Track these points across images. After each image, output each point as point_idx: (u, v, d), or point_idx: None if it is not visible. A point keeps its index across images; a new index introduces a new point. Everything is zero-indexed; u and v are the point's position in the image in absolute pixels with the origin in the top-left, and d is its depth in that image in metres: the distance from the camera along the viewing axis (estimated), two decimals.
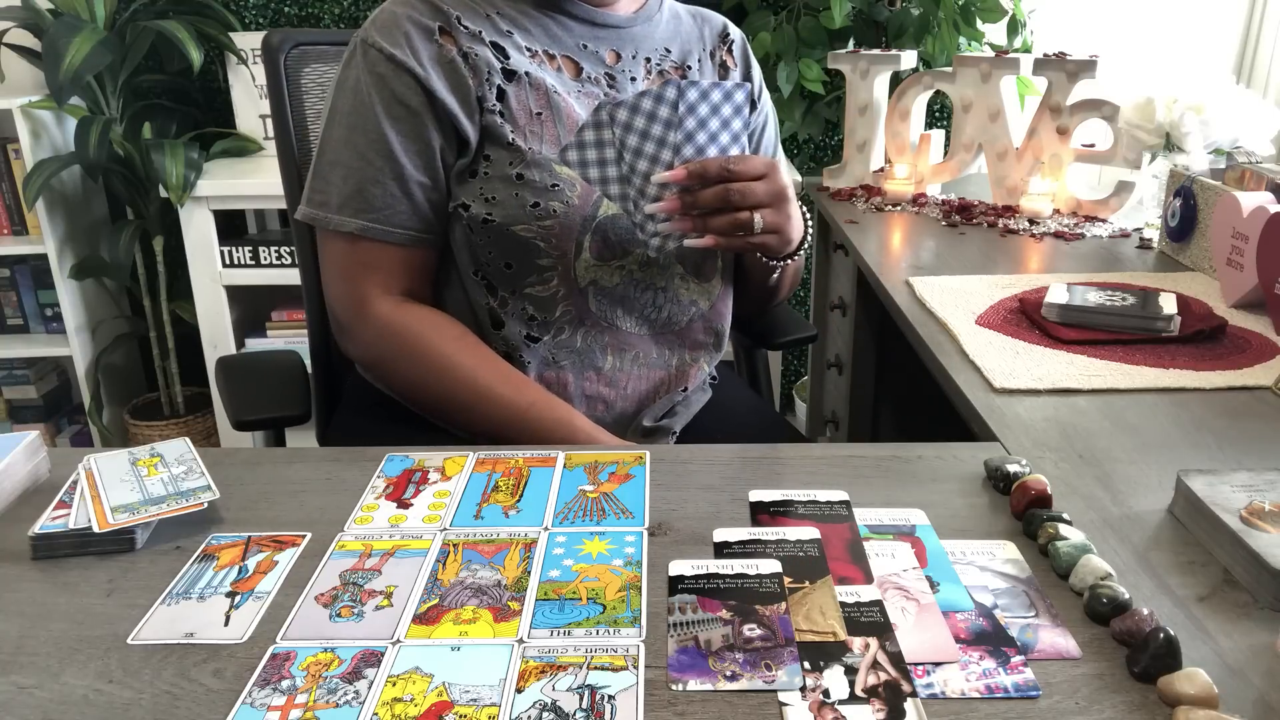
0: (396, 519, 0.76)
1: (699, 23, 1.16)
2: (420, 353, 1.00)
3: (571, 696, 0.56)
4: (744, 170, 0.92)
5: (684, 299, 1.09)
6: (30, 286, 2.41)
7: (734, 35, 1.18)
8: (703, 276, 1.11)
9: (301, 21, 2.38)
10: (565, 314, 1.02)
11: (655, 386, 1.11)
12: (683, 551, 0.71)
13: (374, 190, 0.98)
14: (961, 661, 0.59)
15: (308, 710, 0.56)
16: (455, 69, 0.97)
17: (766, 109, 1.22)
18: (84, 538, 0.72)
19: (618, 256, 1.02)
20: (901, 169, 1.86)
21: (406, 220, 1.00)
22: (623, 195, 0.98)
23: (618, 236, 1.01)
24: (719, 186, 0.92)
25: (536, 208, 0.97)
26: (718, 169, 0.92)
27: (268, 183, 2.16)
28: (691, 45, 1.13)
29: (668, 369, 1.11)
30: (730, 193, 0.92)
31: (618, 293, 1.04)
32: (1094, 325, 1.12)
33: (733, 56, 1.17)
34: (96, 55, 2.04)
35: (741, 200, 0.92)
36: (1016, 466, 0.79)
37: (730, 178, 0.92)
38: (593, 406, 1.06)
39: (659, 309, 1.08)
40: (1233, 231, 1.24)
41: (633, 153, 0.95)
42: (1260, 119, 1.55)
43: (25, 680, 0.59)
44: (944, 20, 2.05)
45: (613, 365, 1.06)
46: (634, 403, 1.09)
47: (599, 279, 1.02)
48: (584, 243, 1.00)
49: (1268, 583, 0.64)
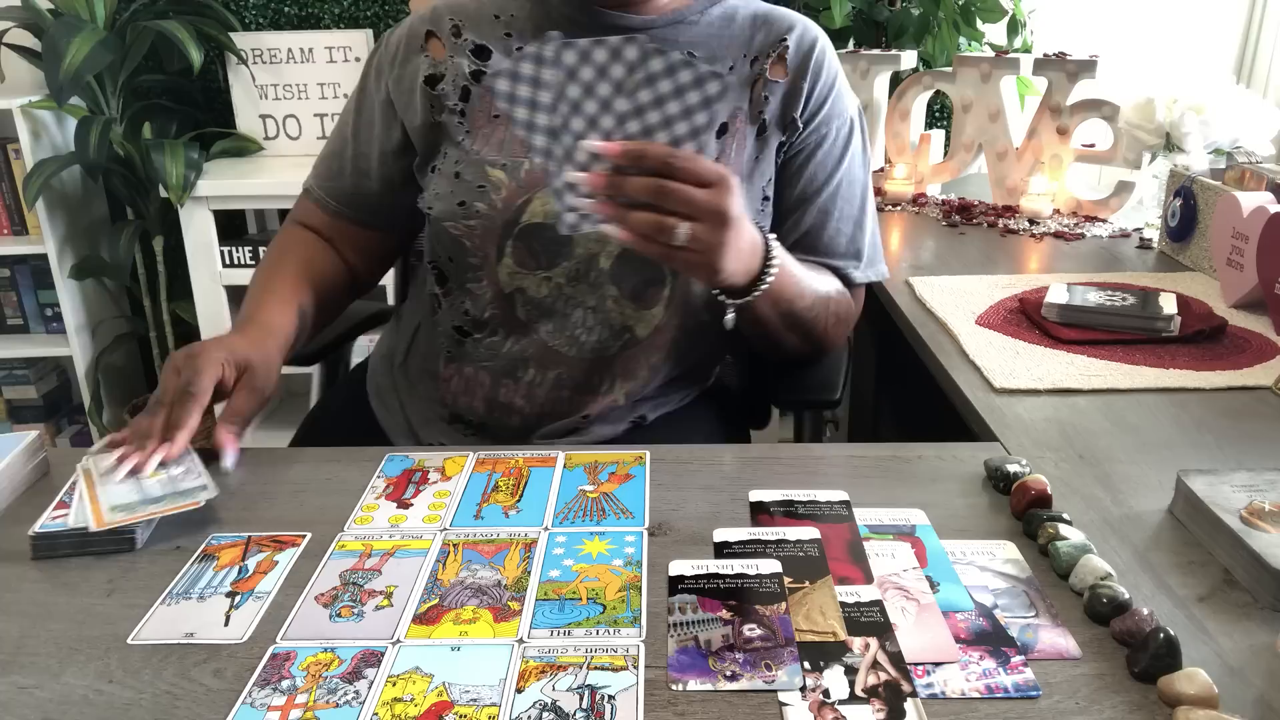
0: (396, 519, 0.76)
1: (757, 25, 1.03)
2: (269, 251, 1.10)
3: (571, 696, 0.56)
4: (688, 169, 0.78)
5: (615, 323, 1.00)
6: (30, 286, 2.40)
7: (792, 40, 1.02)
8: (642, 302, 0.99)
9: (301, 22, 2.38)
10: (494, 317, 1.01)
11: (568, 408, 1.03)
12: (683, 551, 0.71)
13: (333, 164, 1.09)
14: (961, 661, 0.59)
15: (308, 710, 0.56)
16: (417, 74, 1.02)
17: (831, 135, 1.04)
18: (84, 537, 0.72)
19: (543, 267, 0.98)
20: (901, 169, 1.86)
21: (340, 195, 1.09)
22: (547, 151, 0.82)
23: (542, 246, 0.97)
24: (652, 179, 0.78)
25: (464, 206, 0.99)
26: (657, 158, 0.78)
27: (268, 183, 2.16)
28: (728, 49, 1.02)
29: (595, 395, 1.02)
30: (663, 189, 0.78)
31: (546, 305, 0.99)
32: (1094, 325, 1.12)
33: (784, 64, 1.01)
34: (96, 55, 2.04)
35: (672, 203, 0.78)
36: (1016, 466, 0.79)
37: (669, 173, 0.78)
38: (502, 412, 1.03)
39: (589, 330, 1.00)
40: (1233, 231, 1.24)
41: (570, 105, 0.81)
42: (1260, 119, 1.55)
43: (25, 680, 0.59)
44: (944, 20, 2.04)
45: (534, 378, 1.01)
46: (537, 418, 1.03)
47: (525, 287, 0.99)
48: (505, 248, 0.98)
49: (1268, 583, 0.64)
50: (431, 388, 1.06)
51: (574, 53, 0.80)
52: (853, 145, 1.06)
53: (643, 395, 1.04)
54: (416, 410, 1.08)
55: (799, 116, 1.01)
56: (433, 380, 1.06)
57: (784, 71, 1.02)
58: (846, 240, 1.05)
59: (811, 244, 1.04)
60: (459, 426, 1.05)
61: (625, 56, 0.80)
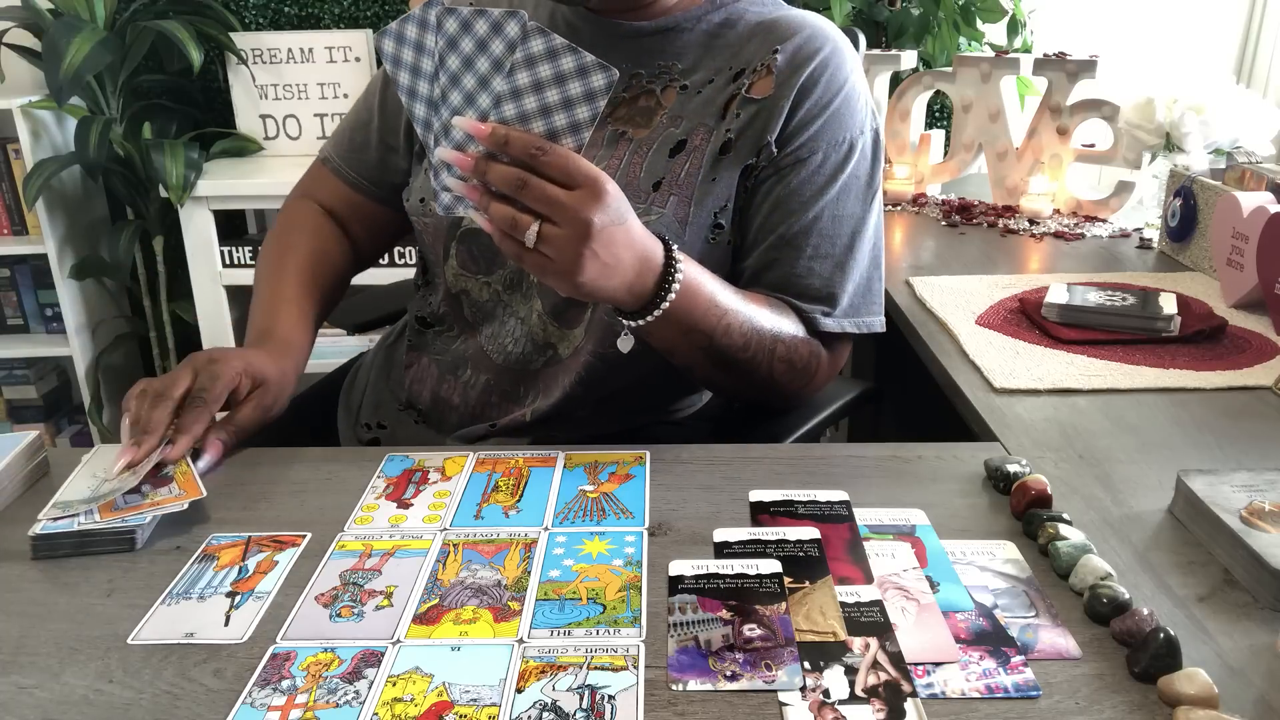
0: (396, 519, 0.76)
1: (753, 34, 0.95)
2: (276, 229, 1.10)
3: (571, 696, 0.56)
4: (555, 165, 0.72)
5: (539, 339, 0.96)
6: (30, 286, 2.40)
7: (786, 51, 0.93)
8: (565, 322, 0.94)
9: (301, 22, 2.38)
10: (447, 314, 1.03)
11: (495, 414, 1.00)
12: (683, 551, 0.71)
13: (358, 135, 1.08)
14: (961, 661, 0.59)
15: (308, 710, 0.56)
16: None
17: (815, 160, 0.93)
18: (84, 538, 0.72)
19: (482, 271, 0.98)
20: (901, 169, 1.86)
21: (363, 168, 1.08)
22: (426, 122, 0.77)
23: (480, 250, 0.97)
24: (513, 169, 0.72)
25: (423, 203, 1.00)
26: (522, 148, 0.71)
27: (268, 183, 2.16)
28: (711, 59, 0.95)
29: (520, 406, 0.98)
30: (523, 183, 0.72)
31: (487, 309, 0.99)
32: (1094, 325, 1.12)
33: (773, 75, 0.92)
34: (96, 55, 2.04)
35: (530, 198, 0.72)
36: (1016, 466, 0.79)
37: (532, 166, 0.72)
38: (442, 407, 1.03)
39: (516, 341, 0.97)
40: (1233, 231, 1.24)
41: (450, 77, 0.75)
42: (1260, 119, 1.55)
43: (25, 680, 0.59)
44: (944, 20, 2.04)
45: (469, 379, 1.00)
46: (471, 419, 1.01)
47: (469, 289, 1.00)
48: (451, 248, 0.99)
49: (1268, 583, 0.64)
50: (400, 373, 1.08)
51: (455, 20, 0.75)
52: (846, 174, 0.94)
53: (550, 415, 0.96)
54: (379, 391, 1.10)
55: (772, 139, 0.92)
56: (401, 366, 1.08)
57: (768, 87, 0.92)
58: (821, 282, 0.94)
59: (778, 280, 0.94)
60: (410, 413, 1.06)
61: (506, 32, 0.73)
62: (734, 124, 0.92)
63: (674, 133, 0.93)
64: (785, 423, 1.02)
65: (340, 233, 1.10)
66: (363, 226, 1.11)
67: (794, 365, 0.92)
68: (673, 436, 0.97)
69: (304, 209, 1.10)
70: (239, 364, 0.87)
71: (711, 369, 0.90)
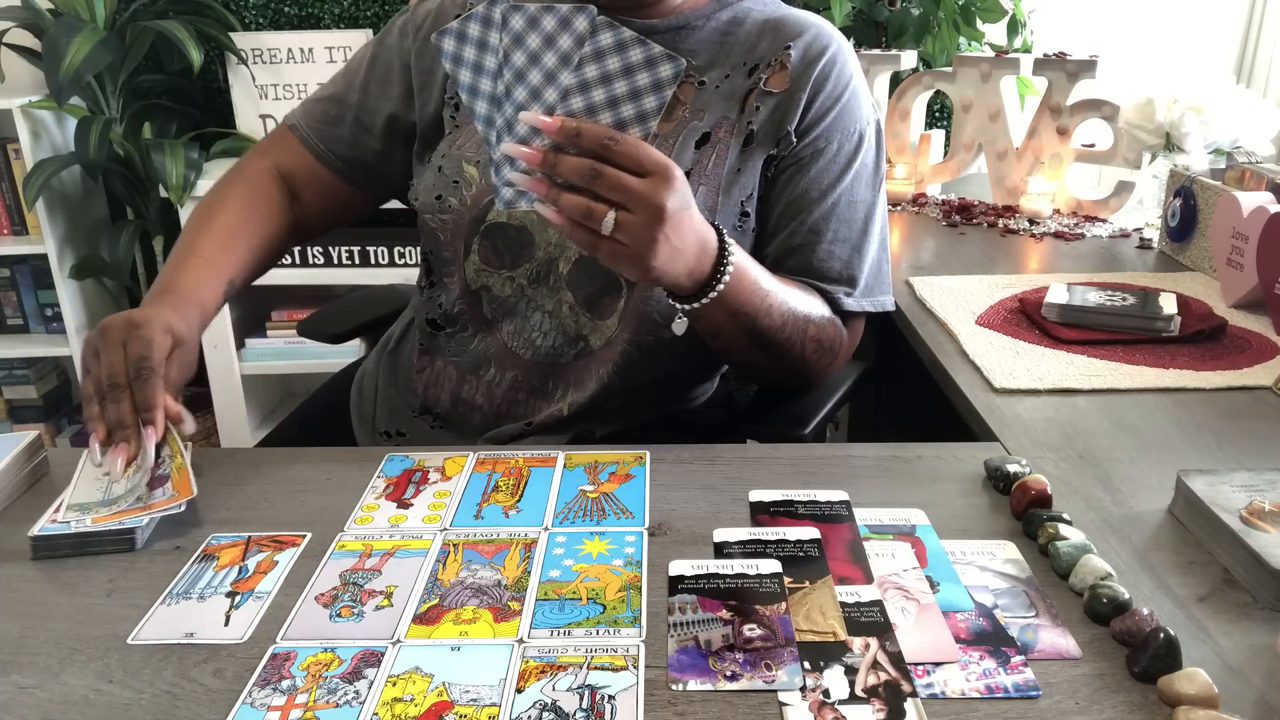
0: (396, 519, 0.76)
1: (764, 31, 0.99)
2: (219, 183, 1.06)
3: (571, 696, 0.56)
4: (626, 154, 0.73)
5: (570, 330, 0.97)
6: (30, 286, 2.40)
7: (798, 48, 0.97)
8: (597, 312, 0.97)
9: (301, 22, 2.38)
10: (462, 313, 1.02)
11: (523, 412, 1.01)
12: (683, 551, 0.71)
13: (331, 109, 1.07)
14: (961, 661, 0.59)
15: (308, 710, 0.56)
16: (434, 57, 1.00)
17: (831, 150, 0.97)
18: (84, 538, 0.72)
19: (506, 266, 0.98)
20: (901, 169, 1.86)
21: (333, 141, 1.07)
22: (488, 119, 0.79)
23: (506, 245, 0.97)
24: (587, 161, 0.73)
25: (439, 200, 0.99)
26: (595, 139, 0.73)
27: None
28: (726, 56, 0.98)
29: (549, 402, 1.00)
30: (596, 173, 0.73)
31: (509, 305, 0.99)
32: (1094, 325, 1.12)
33: (785, 73, 0.96)
34: (96, 55, 2.04)
35: (604, 188, 0.74)
36: (1016, 466, 0.79)
37: (606, 156, 0.73)
38: (465, 408, 1.03)
39: (545, 335, 0.98)
40: (1233, 231, 1.24)
41: (515, 73, 0.77)
42: (1260, 119, 1.55)
43: (25, 680, 0.59)
44: (944, 20, 2.04)
45: (494, 377, 1.00)
46: (495, 417, 1.02)
47: (491, 285, 0.99)
48: (473, 244, 0.99)
49: (1268, 583, 0.64)
50: (409, 377, 1.07)
51: (521, 17, 0.76)
52: (858, 163, 0.99)
53: (588, 408, 0.98)
54: (390, 397, 1.09)
55: (792, 130, 0.96)
56: (410, 370, 1.07)
57: (784, 81, 0.96)
58: (841, 264, 0.98)
59: (801, 265, 0.98)
60: (427, 418, 1.05)
61: (575, 27, 0.75)
62: (754, 116, 0.96)
63: (698, 125, 0.96)
64: (795, 409, 1.04)
65: (287, 199, 1.06)
66: (317, 197, 1.09)
67: (823, 344, 0.97)
68: (692, 423, 1.07)
69: (254, 168, 1.07)
70: (161, 323, 0.83)
71: (752, 350, 0.93)
